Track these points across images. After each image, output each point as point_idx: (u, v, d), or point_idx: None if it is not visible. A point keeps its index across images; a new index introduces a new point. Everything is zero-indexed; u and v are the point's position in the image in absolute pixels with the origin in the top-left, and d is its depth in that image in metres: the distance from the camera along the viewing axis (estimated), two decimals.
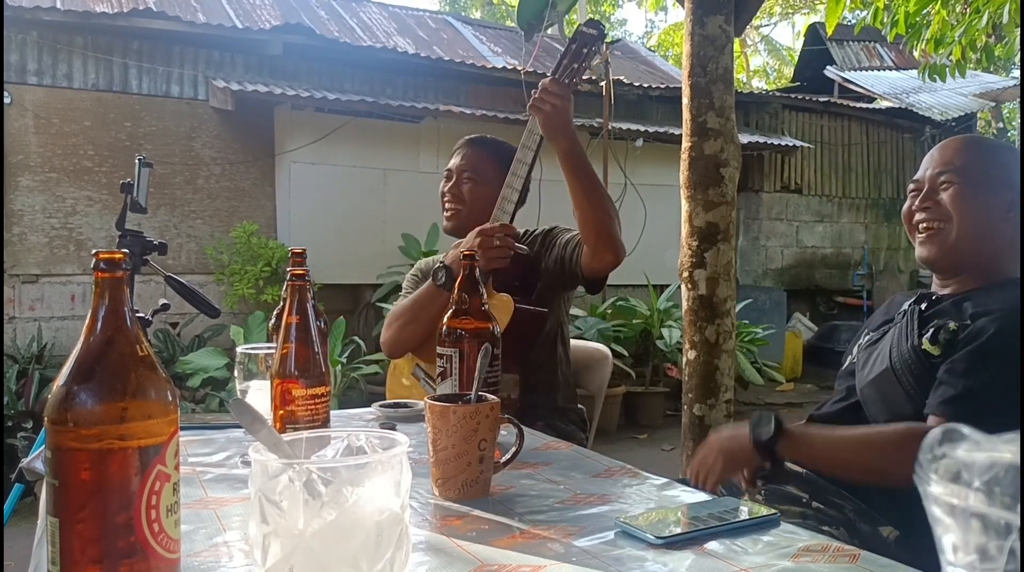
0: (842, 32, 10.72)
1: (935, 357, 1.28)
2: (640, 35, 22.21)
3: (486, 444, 1.03)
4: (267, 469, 0.67)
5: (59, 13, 5.20)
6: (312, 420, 1.12)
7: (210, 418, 1.52)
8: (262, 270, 5.39)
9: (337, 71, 6.18)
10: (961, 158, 1.36)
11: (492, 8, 17.70)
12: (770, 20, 17.78)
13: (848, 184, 9.05)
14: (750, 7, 3.13)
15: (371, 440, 0.74)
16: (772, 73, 18.56)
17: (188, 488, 1.07)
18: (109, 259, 0.70)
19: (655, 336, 5.86)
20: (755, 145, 7.58)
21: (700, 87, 2.88)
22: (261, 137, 5.86)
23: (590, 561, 0.83)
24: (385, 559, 0.68)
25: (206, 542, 0.87)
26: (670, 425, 5.44)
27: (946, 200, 1.35)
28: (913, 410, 1.29)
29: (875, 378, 1.36)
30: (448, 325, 1.26)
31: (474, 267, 1.28)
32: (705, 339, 2.87)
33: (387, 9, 8.62)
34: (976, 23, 4.05)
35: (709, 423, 2.86)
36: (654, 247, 6.58)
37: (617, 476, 1.16)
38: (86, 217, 5.34)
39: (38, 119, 5.23)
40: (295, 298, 1.13)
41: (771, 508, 0.98)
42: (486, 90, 6.66)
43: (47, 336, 5.12)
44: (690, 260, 2.89)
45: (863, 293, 8.72)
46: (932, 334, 1.30)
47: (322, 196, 5.82)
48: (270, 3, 7.32)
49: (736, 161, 2.89)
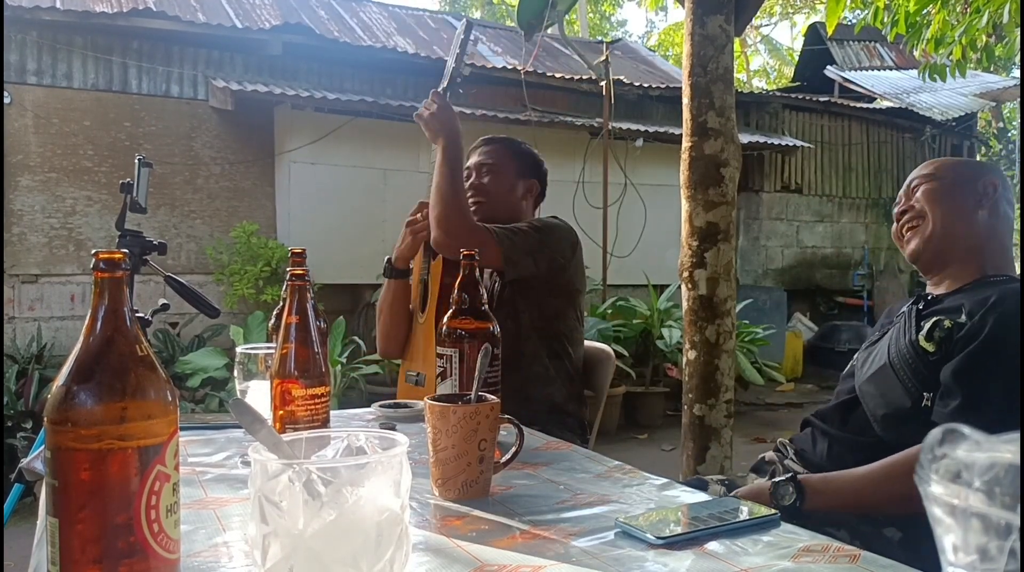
0: (842, 32, 10.71)
1: (931, 353, 1.31)
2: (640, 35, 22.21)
3: (486, 444, 1.03)
4: (267, 469, 0.67)
5: (59, 13, 5.20)
6: (312, 420, 1.12)
7: (210, 418, 1.52)
8: (262, 270, 5.39)
9: (337, 71, 6.19)
10: (929, 167, 1.48)
11: (492, 8, 17.71)
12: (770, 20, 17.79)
13: (848, 184, 9.05)
14: (750, 7, 3.13)
15: (371, 440, 0.74)
16: (772, 73, 18.56)
17: (188, 488, 1.07)
18: (109, 259, 0.70)
19: (655, 336, 5.86)
20: (755, 145, 7.58)
21: (700, 87, 2.88)
22: (261, 137, 5.86)
23: (590, 561, 0.83)
24: (385, 559, 0.68)
25: (206, 542, 0.87)
26: (670, 425, 5.44)
27: (920, 197, 1.45)
28: (911, 403, 1.31)
29: (874, 374, 1.38)
30: (448, 325, 1.26)
31: (474, 267, 1.28)
32: (705, 339, 2.86)
33: (387, 9, 8.62)
34: (976, 23, 4.05)
35: (709, 423, 2.86)
36: (654, 247, 6.60)
37: (617, 476, 1.16)
38: (86, 217, 5.34)
39: (38, 119, 5.23)
40: (295, 298, 1.13)
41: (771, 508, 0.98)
42: (486, 90, 6.65)
43: (47, 336, 5.12)
44: (690, 260, 2.89)
45: (863, 293, 8.72)
46: (928, 331, 1.33)
47: (322, 196, 5.82)
48: (270, 3, 7.32)
49: (736, 161, 2.89)
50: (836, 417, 1.47)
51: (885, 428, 1.35)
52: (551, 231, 1.98)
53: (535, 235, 1.93)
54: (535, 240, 1.92)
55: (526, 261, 1.89)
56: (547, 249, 1.94)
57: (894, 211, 1.52)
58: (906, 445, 1.23)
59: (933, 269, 1.46)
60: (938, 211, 1.42)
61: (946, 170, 1.46)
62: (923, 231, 1.43)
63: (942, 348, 1.30)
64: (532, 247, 1.90)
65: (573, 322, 2.03)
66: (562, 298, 2.00)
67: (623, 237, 6.32)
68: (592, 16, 18.68)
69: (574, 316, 2.03)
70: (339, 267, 5.72)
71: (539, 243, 1.92)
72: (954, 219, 1.41)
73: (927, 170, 1.48)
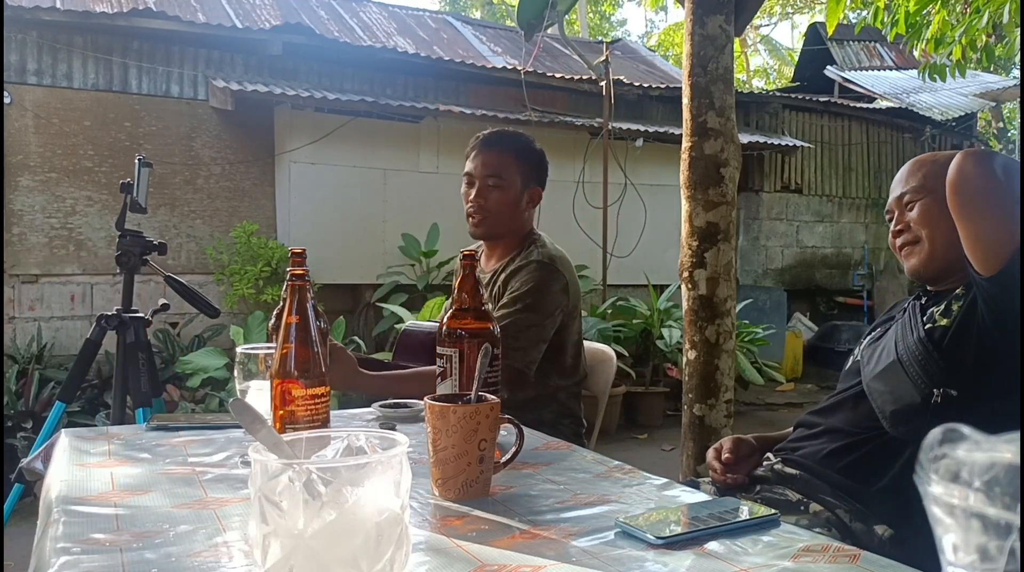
0: (842, 32, 10.71)
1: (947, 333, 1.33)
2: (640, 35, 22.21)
3: (486, 444, 1.03)
4: (267, 469, 0.67)
5: (59, 13, 5.20)
6: (312, 420, 1.12)
7: (210, 418, 1.52)
8: (262, 270, 5.39)
9: (337, 71, 6.18)
10: (918, 177, 1.46)
11: (492, 8, 17.71)
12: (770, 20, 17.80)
13: (848, 184, 9.05)
14: (750, 7, 3.13)
15: (371, 440, 0.74)
16: (772, 73, 18.57)
17: (188, 488, 1.07)
18: None
19: (655, 336, 5.86)
20: (755, 145, 7.58)
21: (700, 87, 2.88)
22: (261, 137, 5.86)
23: (590, 561, 0.83)
24: (385, 559, 0.68)
25: (206, 542, 0.87)
26: (670, 425, 5.44)
27: (915, 218, 1.44)
28: (920, 399, 1.32)
29: (882, 371, 1.38)
30: (448, 325, 1.26)
31: (474, 267, 1.28)
32: (705, 339, 2.86)
33: (387, 9, 8.62)
34: (976, 23, 4.05)
35: (709, 423, 2.86)
36: (654, 247, 6.60)
37: (617, 476, 1.16)
38: (86, 217, 5.34)
39: (38, 119, 5.22)
40: (295, 298, 1.13)
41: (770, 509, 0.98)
42: (486, 90, 6.65)
43: (47, 336, 5.12)
44: (690, 260, 2.88)
45: (863, 293, 8.72)
46: (944, 310, 1.36)
47: (322, 196, 5.82)
48: (270, 3, 7.32)
49: (736, 161, 2.89)
50: (838, 413, 1.47)
51: (895, 424, 1.35)
52: (544, 299, 1.87)
53: (536, 323, 1.85)
54: (537, 332, 1.85)
55: (536, 353, 1.85)
56: (548, 328, 1.87)
57: (887, 217, 1.51)
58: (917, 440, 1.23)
59: (934, 281, 1.46)
60: (929, 231, 1.41)
61: (933, 181, 1.41)
62: (921, 253, 1.43)
63: (961, 318, 1.32)
64: (536, 338, 1.84)
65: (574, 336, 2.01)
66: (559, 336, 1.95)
67: (623, 237, 6.32)
68: (592, 16, 18.69)
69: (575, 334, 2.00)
70: (339, 267, 5.72)
71: (539, 327, 1.85)
72: (946, 235, 1.38)
73: (914, 181, 1.45)
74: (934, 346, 1.33)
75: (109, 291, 5.34)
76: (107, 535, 0.89)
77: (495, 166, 1.95)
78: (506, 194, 1.94)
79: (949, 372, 1.30)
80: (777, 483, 1.46)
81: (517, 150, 1.99)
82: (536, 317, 1.85)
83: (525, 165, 1.98)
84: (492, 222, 1.95)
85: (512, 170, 1.95)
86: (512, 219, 1.97)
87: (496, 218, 1.95)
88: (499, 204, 1.94)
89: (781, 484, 1.45)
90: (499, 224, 1.96)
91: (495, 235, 1.99)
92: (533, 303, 1.85)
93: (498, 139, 2.01)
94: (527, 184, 1.98)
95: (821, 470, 1.41)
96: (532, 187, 2.00)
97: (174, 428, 1.43)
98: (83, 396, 4.43)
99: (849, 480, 1.37)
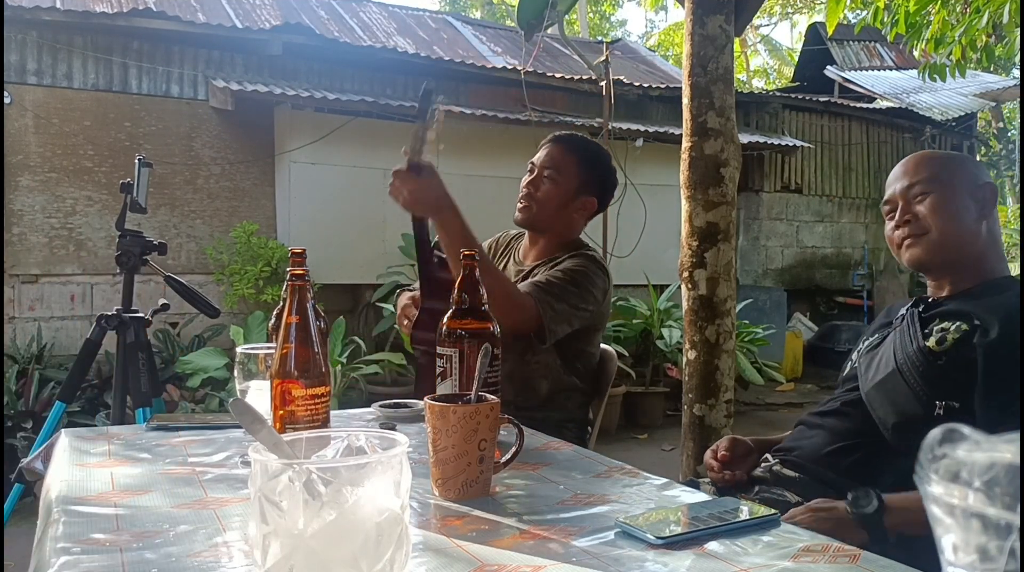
0: (842, 32, 10.71)
1: (941, 357, 1.31)
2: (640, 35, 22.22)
3: (486, 444, 1.03)
4: (267, 469, 0.67)
5: (59, 13, 5.20)
6: (312, 420, 1.12)
7: (210, 418, 1.52)
8: (262, 270, 5.39)
9: (337, 71, 6.18)
10: (927, 170, 1.44)
11: (492, 8, 17.71)
12: (770, 20, 17.80)
13: (848, 184, 9.05)
14: (750, 7, 3.13)
15: (371, 440, 0.74)
16: (772, 73, 18.57)
17: (188, 488, 1.07)
18: None
19: (655, 336, 5.86)
20: (755, 145, 7.58)
21: (700, 87, 2.88)
22: (261, 137, 5.86)
23: (590, 561, 0.83)
24: (385, 559, 0.68)
25: (206, 542, 0.87)
26: (670, 425, 5.44)
27: (924, 211, 1.42)
28: (923, 411, 1.30)
29: (882, 381, 1.37)
30: (448, 325, 1.26)
31: (474, 267, 1.28)
32: (705, 339, 2.86)
33: (387, 9, 8.62)
34: (976, 23, 4.05)
35: (709, 423, 2.86)
36: (654, 247, 6.59)
37: (617, 476, 1.16)
38: (86, 217, 5.34)
39: (38, 119, 5.22)
40: (295, 298, 1.13)
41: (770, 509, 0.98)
42: (486, 90, 6.65)
43: (47, 336, 5.11)
44: (690, 260, 2.89)
45: (863, 293, 8.72)
46: (939, 337, 1.33)
47: (322, 196, 5.82)
48: (270, 3, 7.32)
49: (736, 161, 2.89)
50: (837, 416, 1.47)
51: (897, 435, 1.33)
52: (589, 286, 1.86)
53: (574, 294, 1.82)
54: (573, 303, 1.82)
55: (562, 328, 1.81)
56: (583, 309, 1.84)
57: (885, 210, 1.49)
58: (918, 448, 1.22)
59: (936, 274, 1.46)
60: (942, 223, 1.40)
61: (944, 176, 1.42)
62: (926, 242, 1.42)
63: (953, 351, 1.30)
64: (569, 313, 1.81)
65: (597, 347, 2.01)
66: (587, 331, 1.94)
67: (623, 237, 6.31)
68: (592, 16, 18.69)
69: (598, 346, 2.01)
70: (339, 267, 5.72)
71: (576, 307, 1.82)
72: (958, 229, 1.40)
73: (924, 173, 1.43)
74: (935, 358, 1.32)
75: (109, 291, 5.34)
76: (107, 535, 0.89)
77: (555, 160, 1.97)
78: (557, 189, 1.95)
79: (952, 384, 1.30)
80: (775, 484, 1.46)
81: (583, 155, 2.00)
82: (578, 294, 1.83)
83: (586, 171, 1.98)
84: (536, 212, 1.96)
85: (571, 170, 1.96)
86: (556, 216, 1.97)
87: (541, 209, 1.96)
88: (547, 196, 1.95)
89: (780, 485, 1.45)
90: (542, 216, 1.96)
91: (536, 226, 1.99)
92: (580, 281, 1.85)
93: (568, 139, 2.04)
94: (583, 190, 1.98)
95: (820, 471, 1.41)
96: (587, 196, 1.99)
97: (174, 428, 1.43)
98: (83, 396, 4.43)
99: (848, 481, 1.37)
